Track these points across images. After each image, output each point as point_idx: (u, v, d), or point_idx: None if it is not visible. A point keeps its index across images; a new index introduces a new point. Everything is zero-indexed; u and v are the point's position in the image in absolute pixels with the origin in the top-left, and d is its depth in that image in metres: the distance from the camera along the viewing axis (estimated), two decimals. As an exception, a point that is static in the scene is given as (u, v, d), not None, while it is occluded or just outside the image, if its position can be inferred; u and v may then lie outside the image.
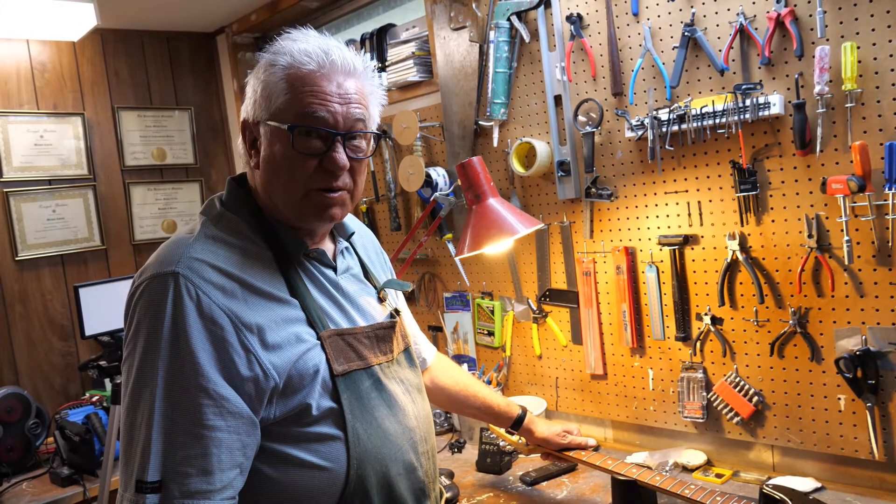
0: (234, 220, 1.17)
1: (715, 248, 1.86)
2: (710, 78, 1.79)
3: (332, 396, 1.12)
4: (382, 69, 2.65)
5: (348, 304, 1.23)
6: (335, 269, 1.25)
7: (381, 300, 1.33)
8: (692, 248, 1.90)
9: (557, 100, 2.12)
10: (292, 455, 1.09)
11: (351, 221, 1.37)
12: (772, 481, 1.75)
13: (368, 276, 1.36)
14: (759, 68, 1.71)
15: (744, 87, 1.69)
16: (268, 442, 1.09)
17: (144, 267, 1.10)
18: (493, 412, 1.72)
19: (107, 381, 2.52)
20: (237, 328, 1.04)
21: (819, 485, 1.72)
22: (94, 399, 2.84)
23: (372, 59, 2.69)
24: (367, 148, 1.20)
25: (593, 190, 2.05)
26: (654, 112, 1.85)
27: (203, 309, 1.03)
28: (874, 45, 1.53)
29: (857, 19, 1.54)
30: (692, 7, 1.79)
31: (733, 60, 1.74)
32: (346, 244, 1.33)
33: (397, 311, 1.35)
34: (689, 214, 1.89)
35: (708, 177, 1.84)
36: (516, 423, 1.74)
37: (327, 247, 1.28)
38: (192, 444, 1.01)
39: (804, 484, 1.71)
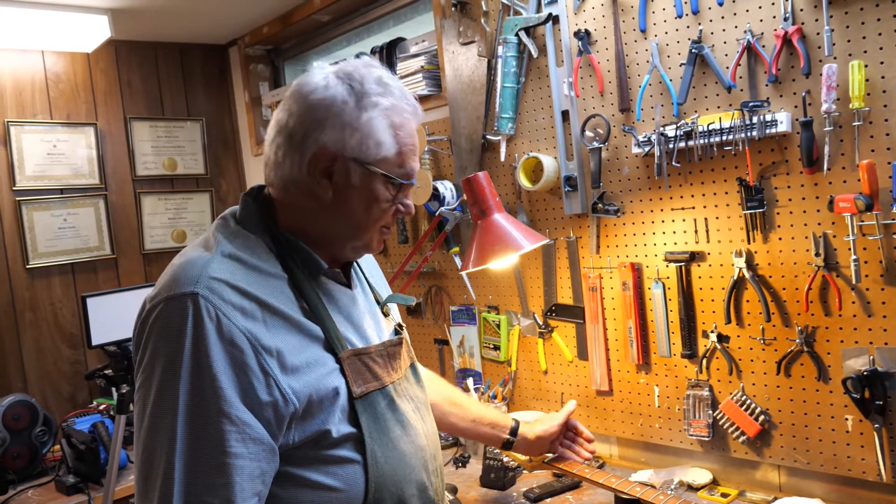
0: (250, 238, 1.12)
1: (721, 265, 1.85)
2: (718, 95, 1.79)
3: (351, 419, 1.09)
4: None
5: (362, 321, 1.21)
6: (349, 287, 1.23)
7: (385, 315, 1.32)
8: (698, 265, 1.89)
9: (565, 115, 2.13)
10: (308, 478, 1.06)
11: None
12: (778, 502, 1.74)
13: (372, 291, 1.34)
14: (767, 86, 1.70)
15: (751, 104, 1.69)
16: (284, 466, 1.05)
17: (157, 289, 1.04)
18: (484, 425, 1.66)
19: (113, 390, 2.53)
20: (256, 351, 1.00)
21: (826, 506, 1.70)
22: (102, 408, 2.85)
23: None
24: None
25: (600, 205, 2.05)
26: (661, 128, 1.85)
27: (223, 331, 0.98)
28: (882, 63, 1.53)
29: (864, 38, 1.54)
30: (699, 24, 1.79)
31: (740, 78, 1.74)
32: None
33: (401, 326, 1.34)
34: (696, 231, 1.88)
35: (715, 194, 1.84)
36: (512, 433, 1.67)
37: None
38: (215, 473, 0.97)
39: (810, 505, 1.70)
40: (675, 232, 1.93)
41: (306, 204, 1.14)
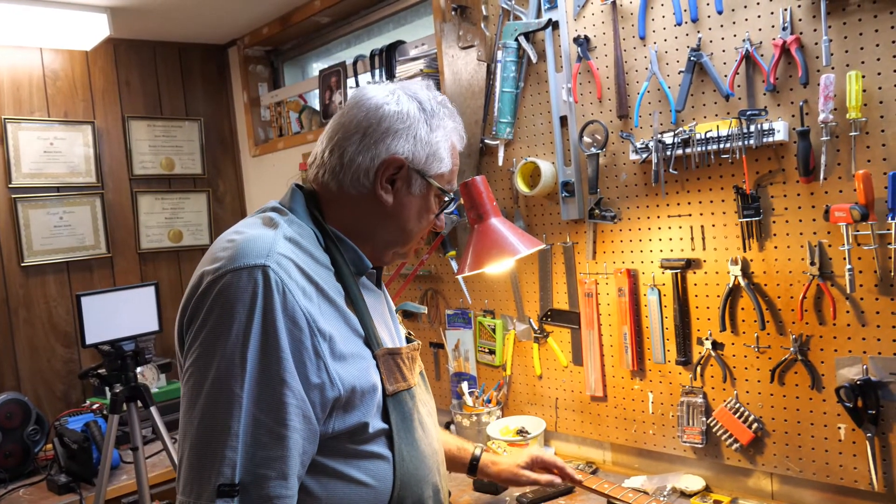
0: (303, 227, 1.15)
1: (717, 272, 1.85)
2: (716, 103, 1.80)
3: (383, 416, 1.12)
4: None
5: (390, 323, 1.26)
6: (379, 289, 1.28)
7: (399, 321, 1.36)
8: (694, 273, 1.90)
9: (563, 120, 2.13)
10: (340, 470, 1.08)
11: None
12: (770, 510, 1.74)
13: None
14: (764, 95, 1.71)
15: (748, 112, 1.69)
16: (319, 456, 1.06)
17: (218, 262, 1.03)
18: (451, 446, 1.64)
19: (106, 389, 2.52)
20: (313, 332, 1.02)
21: (818, 515, 1.70)
22: (95, 407, 2.84)
23: (381, 75, 2.71)
24: None
25: (597, 211, 2.06)
26: (659, 135, 1.86)
27: (287, 306, 1.00)
28: (879, 74, 1.53)
29: (862, 48, 1.55)
30: (699, 32, 1.80)
31: (738, 86, 1.75)
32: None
33: (411, 334, 1.37)
34: (692, 238, 1.89)
35: (711, 201, 1.84)
36: (472, 467, 1.65)
37: None
38: (274, 445, 0.98)
39: (803, 513, 1.70)
40: (671, 239, 1.94)
41: (363, 206, 1.19)
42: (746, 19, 1.72)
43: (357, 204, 1.18)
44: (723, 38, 1.76)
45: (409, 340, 1.32)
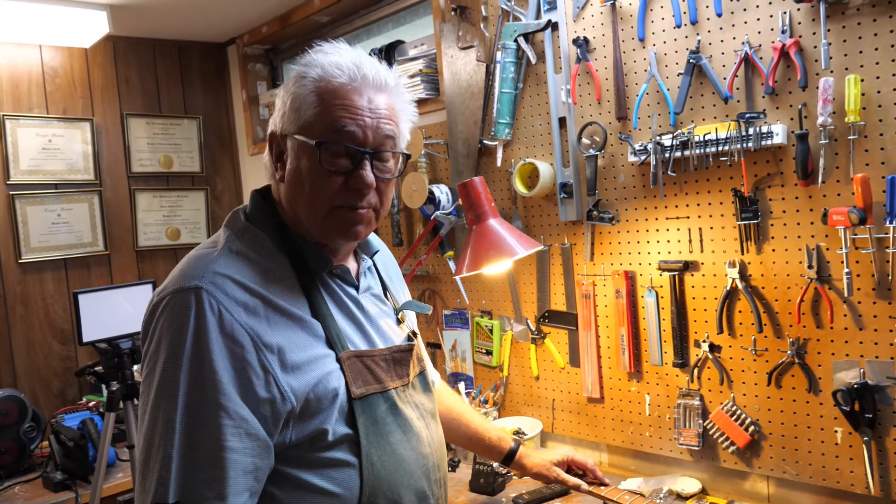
0: (258, 234, 1.14)
1: (715, 275, 1.85)
2: (714, 105, 1.80)
3: (349, 421, 1.10)
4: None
5: (368, 324, 1.21)
6: (357, 288, 1.23)
7: (400, 322, 1.31)
8: (692, 275, 1.90)
9: (562, 122, 2.13)
10: (304, 479, 1.07)
11: (374, 239, 1.33)
12: (766, 513, 1.74)
13: (388, 296, 1.33)
14: (763, 97, 1.71)
15: (747, 115, 1.69)
16: (280, 465, 1.06)
17: (165, 283, 1.06)
18: (483, 444, 1.65)
19: (103, 387, 2.52)
20: (257, 347, 1.02)
21: (813, 518, 1.70)
22: (91, 404, 2.84)
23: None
24: (395, 167, 1.17)
25: (595, 213, 2.06)
26: (658, 137, 1.86)
27: (224, 326, 1.00)
28: (878, 78, 1.53)
29: (861, 52, 1.55)
30: (698, 35, 1.80)
31: (737, 89, 1.75)
32: (370, 263, 1.31)
33: (415, 334, 1.33)
34: (690, 241, 1.89)
35: (709, 204, 1.84)
36: (508, 458, 1.66)
37: (350, 264, 1.25)
38: (211, 466, 0.98)
39: (798, 517, 1.70)
40: (669, 241, 1.94)
41: (281, 192, 1.17)
42: (746, 22, 1.72)
43: (277, 192, 1.18)
44: (722, 41, 1.76)
45: (409, 340, 1.29)
